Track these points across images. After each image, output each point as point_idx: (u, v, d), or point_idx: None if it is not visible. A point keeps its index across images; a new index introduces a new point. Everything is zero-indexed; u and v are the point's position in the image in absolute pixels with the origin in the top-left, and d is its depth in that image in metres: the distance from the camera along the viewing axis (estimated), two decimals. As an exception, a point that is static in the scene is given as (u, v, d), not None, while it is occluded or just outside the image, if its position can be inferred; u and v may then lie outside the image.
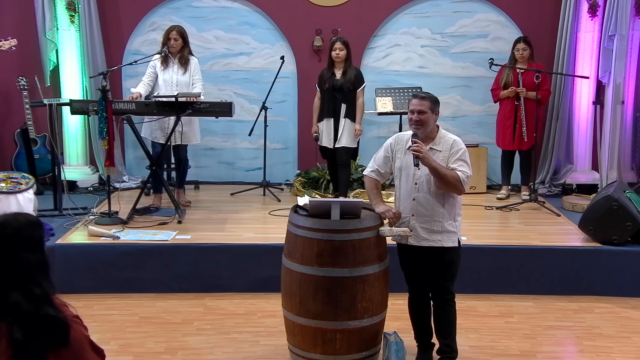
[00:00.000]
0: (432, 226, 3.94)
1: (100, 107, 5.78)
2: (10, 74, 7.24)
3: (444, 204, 3.94)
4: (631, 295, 5.41)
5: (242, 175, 7.79)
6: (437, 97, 4.08)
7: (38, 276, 2.20)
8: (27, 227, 2.24)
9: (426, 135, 4.00)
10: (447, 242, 3.96)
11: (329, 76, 6.62)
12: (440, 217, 3.94)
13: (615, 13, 6.91)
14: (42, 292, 2.17)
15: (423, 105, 3.96)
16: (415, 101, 3.98)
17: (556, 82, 7.38)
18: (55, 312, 2.16)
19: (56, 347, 2.16)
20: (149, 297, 5.31)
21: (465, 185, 3.92)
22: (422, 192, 3.95)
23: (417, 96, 4.02)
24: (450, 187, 3.89)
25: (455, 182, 3.86)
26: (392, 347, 4.04)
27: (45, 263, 2.27)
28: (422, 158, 3.84)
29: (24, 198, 5.95)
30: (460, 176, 3.87)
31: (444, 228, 3.95)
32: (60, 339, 2.16)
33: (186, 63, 6.48)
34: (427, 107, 3.96)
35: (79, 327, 2.26)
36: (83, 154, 7.54)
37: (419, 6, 7.62)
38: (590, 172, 7.46)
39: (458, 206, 4.03)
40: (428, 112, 3.96)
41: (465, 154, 3.96)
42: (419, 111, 3.95)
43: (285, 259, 4.12)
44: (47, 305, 2.16)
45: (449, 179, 3.85)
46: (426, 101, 3.97)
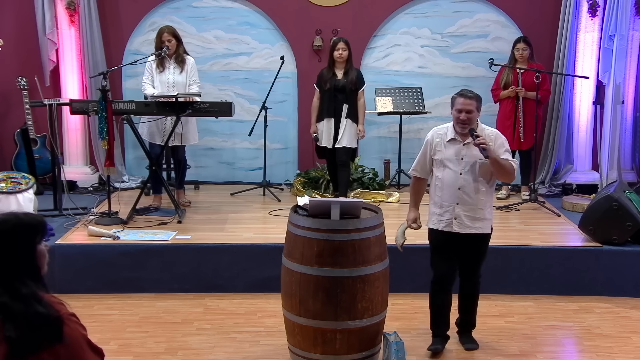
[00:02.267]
0: (475, 214, 4.18)
1: (100, 107, 5.78)
2: (10, 74, 7.24)
3: (486, 193, 4.21)
4: (631, 295, 5.40)
5: (242, 175, 7.79)
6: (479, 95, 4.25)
7: (24, 276, 2.20)
8: (22, 227, 2.24)
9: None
10: (486, 229, 4.25)
11: (330, 76, 6.61)
12: (482, 206, 4.19)
13: (615, 13, 6.91)
14: (29, 292, 2.16)
15: (471, 105, 4.13)
16: (463, 100, 4.14)
17: (556, 82, 7.38)
18: (46, 310, 2.15)
19: (50, 344, 2.16)
20: (149, 297, 5.31)
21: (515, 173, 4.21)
22: (467, 182, 4.16)
23: (465, 95, 4.16)
24: (506, 175, 4.17)
25: (512, 170, 4.14)
26: (392, 347, 4.04)
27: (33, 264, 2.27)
28: (488, 150, 4.03)
29: (24, 198, 5.95)
30: (514, 165, 4.16)
31: (485, 216, 4.21)
32: (54, 335, 2.16)
33: (182, 62, 6.48)
34: (474, 107, 4.14)
35: (75, 326, 2.25)
36: (83, 154, 7.54)
37: (419, 6, 7.62)
38: (590, 172, 7.46)
39: (493, 195, 4.34)
40: (475, 111, 4.15)
41: (507, 144, 4.24)
42: (467, 111, 4.13)
43: (285, 259, 4.12)
44: (36, 303, 2.15)
45: (508, 169, 4.11)
46: (473, 100, 4.15)
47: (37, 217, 2.37)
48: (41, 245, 2.34)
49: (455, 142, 4.21)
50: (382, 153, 7.77)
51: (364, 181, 7.29)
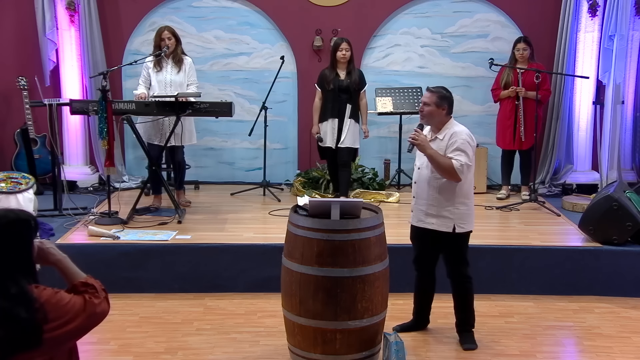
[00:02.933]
0: (428, 209, 4.30)
1: (100, 107, 5.78)
2: (10, 74, 7.24)
3: (439, 191, 4.25)
4: (631, 295, 5.40)
5: (242, 175, 7.79)
6: (449, 94, 4.33)
7: (17, 274, 2.19)
8: (16, 224, 2.23)
9: (435, 125, 4.31)
10: (441, 227, 4.29)
11: (333, 76, 6.61)
12: (435, 202, 4.27)
13: (615, 13, 6.91)
14: (17, 291, 2.15)
15: (429, 98, 4.29)
16: (425, 93, 4.36)
17: (556, 82, 7.38)
18: (27, 314, 2.14)
19: (27, 349, 2.15)
20: (149, 297, 5.31)
21: (462, 175, 4.18)
22: (421, 177, 4.33)
23: (429, 89, 4.36)
24: (445, 174, 4.19)
25: (449, 169, 4.15)
26: (392, 347, 4.04)
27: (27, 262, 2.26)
28: (417, 145, 4.21)
29: (24, 198, 5.94)
30: (455, 164, 4.14)
31: (440, 213, 4.27)
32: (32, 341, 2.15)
33: (180, 62, 6.48)
34: (432, 101, 4.26)
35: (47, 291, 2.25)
36: (83, 154, 7.54)
37: (419, 6, 7.62)
38: (590, 172, 7.46)
39: (461, 195, 4.26)
40: (432, 105, 4.26)
41: (465, 144, 4.20)
42: (424, 103, 4.31)
43: (285, 259, 4.12)
44: (20, 305, 2.14)
45: (443, 167, 4.16)
46: (433, 96, 4.28)
47: (27, 213, 2.36)
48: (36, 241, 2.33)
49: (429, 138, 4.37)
50: (382, 153, 7.77)
51: (364, 181, 7.29)
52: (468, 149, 4.20)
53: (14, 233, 2.22)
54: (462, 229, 4.32)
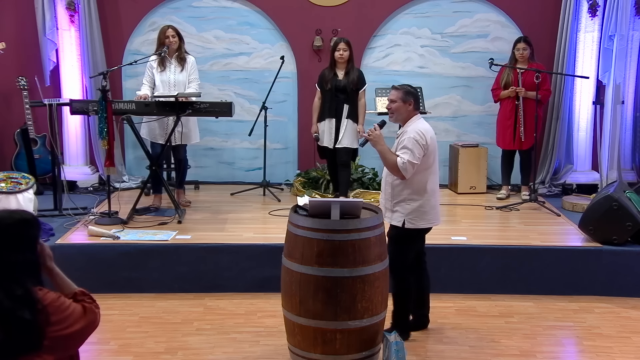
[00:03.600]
0: (386, 204, 4.48)
1: (100, 107, 5.78)
2: (10, 74, 7.24)
3: (392, 186, 4.40)
4: (631, 295, 5.41)
5: (242, 175, 7.79)
6: (414, 90, 4.45)
7: (23, 276, 2.19)
8: (20, 225, 2.23)
9: (403, 121, 4.44)
10: (393, 221, 4.44)
11: (331, 76, 6.61)
12: (390, 197, 4.43)
13: (615, 13, 6.91)
14: (23, 293, 2.16)
15: (394, 95, 4.42)
16: (391, 91, 4.48)
17: (556, 82, 7.38)
18: (31, 316, 2.14)
19: (28, 352, 2.15)
20: (149, 297, 5.31)
21: (406, 172, 4.26)
22: (384, 173, 4.51)
23: (394, 87, 4.49)
24: (392, 170, 4.33)
25: (393, 165, 4.28)
26: (392, 347, 4.04)
27: (34, 262, 2.26)
28: (370, 140, 4.37)
29: (24, 198, 5.95)
30: (398, 161, 4.26)
31: (392, 207, 4.43)
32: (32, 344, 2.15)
33: (183, 61, 6.49)
34: (398, 97, 4.39)
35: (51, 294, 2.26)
36: (83, 154, 7.53)
37: (419, 6, 7.62)
38: (590, 172, 7.46)
39: (413, 192, 4.35)
40: (399, 101, 4.39)
41: (411, 142, 4.26)
42: (391, 100, 4.43)
43: (285, 259, 4.12)
44: (24, 307, 2.14)
45: (389, 163, 4.31)
46: (399, 92, 4.40)
47: (31, 214, 2.37)
48: (41, 242, 2.34)
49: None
50: (382, 153, 7.76)
51: (364, 181, 7.28)
52: (415, 147, 4.24)
53: (19, 234, 2.22)
54: (412, 225, 4.35)
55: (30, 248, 2.26)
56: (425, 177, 4.34)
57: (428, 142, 4.29)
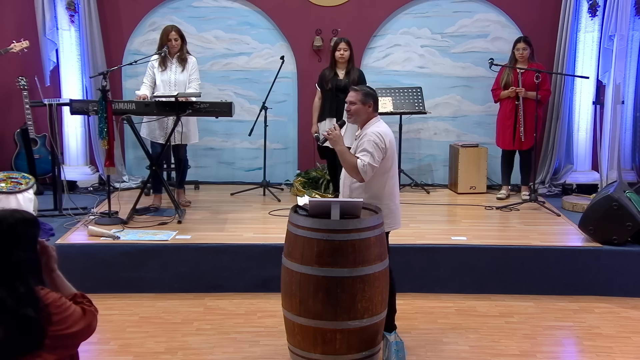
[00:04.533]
0: None
1: (100, 107, 5.78)
2: (10, 74, 7.24)
3: (351, 189, 4.32)
4: (631, 295, 5.40)
5: (242, 175, 7.79)
6: (373, 91, 4.41)
7: (26, 274, 2.20)
8: (22, 224, 2.24)
9: (362, 122, 4.37)
10: None
11: (332, 76, 6.61)
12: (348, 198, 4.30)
13: (615, 13, 6.91)
14: (26, 291, 2.17)
15: (353, 96, 4.35)
16: (350, 92, 4.40)
17: (556, 82, 7.38)
18: (35, 314, 2.15)
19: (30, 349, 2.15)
20: (149, 297, 5.31)
21: (365, 175, 4.17)
22: (343, 174, 4.40)
23: (353, 88, 4.43)
24: (351, 172, 4.23)
25: (353, 167, 4.18)
26: (392, 347, 4.05)
27: (35, 261, 2.27)
28: (329, 139, 4.31)
29: (24, 198, 5.95)
30: (358, 163, 4.16)
31: None
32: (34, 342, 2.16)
33: (184, 62, 6.49)
34: (357, 99, 4.32)
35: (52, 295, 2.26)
36: (83, 154, 7.54)
37: (419, 6, 7.62)
38: (590, 172, 7.46)
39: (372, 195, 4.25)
40: (358, 103, 4.32)
41: (371, 145, 4.18)
42: (350, 102, 4.36)
43: (285, 259, 4.12)
44: (28, 305, 2.15)
45: (348, 164, 4.21)
46: (358, 94, 4.33)
47: (31, 213, 2.37)
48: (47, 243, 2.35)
49: None
50: (382, 153, 7.75)
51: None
52: (375, 150, 4.16)
53: (20, 233, 2.23)
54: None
55: (31, 247, 2.27)
56: (383, 181, 4.28)
57: (387, 145, 4.22)
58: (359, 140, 4.27)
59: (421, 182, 7.67)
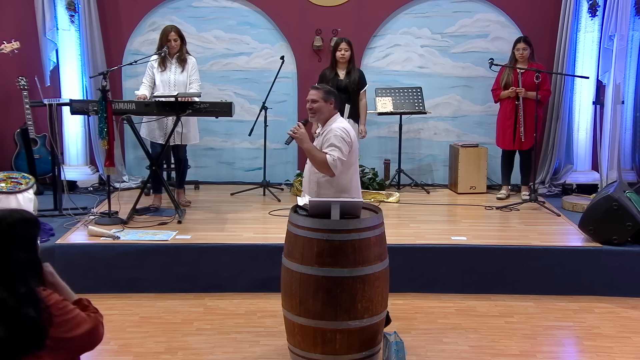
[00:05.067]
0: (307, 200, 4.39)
1: (100, 107, 5.78)
2: (10, 74, 7.24)
3: (318, 185, 4.36)
4: (631, 295, 5.40)
5: (242, 175, 7.79)
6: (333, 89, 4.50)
7: (26, 274, 2.19)
8: (21, 224, 2.24)
9: (323, 120, 4.42)
10: None
11: (332, 76, 6.62)
12: (315, 196, 4.34)
13: (615, 13, 6.91)
14: (26, 291, 2.16)
15: (315, 95, 4.39)
16: (310, 91, 4.45)
17: (556, 82, 7.38)
18: (36, 314, 2.15)
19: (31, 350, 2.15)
20: (149, 297, 5.31)
21: (335, 169, 4.25)
22: (308, 169, 4.45)
23: (313, 87, 4.48)
24: (320, 168, 4.29)
25: (322, 163, 4.25)
26: (392, 347, 4.05)
27: (35, 261, 2.27)
28: (295, 138, 4.33)
29: (24, 198, 5.95)
30: (328, 159, 4.24)
31: None
32: (36, 342, 2.16)
33: (184, 62, 6.49)
34: (319, 97, 4.37)
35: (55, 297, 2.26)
36: (83, 154, 7.54)
37: (419, 6, 7.62)
38: (590, 172, 7.46)
39: (339, 190, 4.33)
40: (320, 101, 4.37)
41: (338, 140, 4.26)
42: (312, 100, 4.38)
43: (285, 259, 4.12)
44: (29, 305, 2.15)
45: (318, 161, 4.27)
46: (320, 92, 4.39)
47: (31, 213, 2.37)
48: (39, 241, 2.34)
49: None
50: (382, 153, 7.77)
51: (364, 181, 7.28)
52: (342, 144, 4.26)
53: (20, 233, 2.23)
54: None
55: (31, 247, 2.27)
56: (349, 175, 4.38)
57: (352, 139, 4.33)
58: (324, 137, 4.34)
59: (421, 182, 7.67)
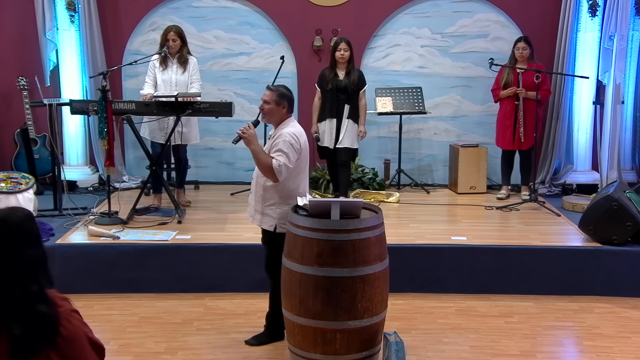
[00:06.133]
0: (256, 206, 4.38)
1: (100, 107, 5.79)
2: (10, 74, 7.24)
3: (264, 189, 4.30)
4: (631, 295, 5.41)
5: (242, 175, 7.78)
6: (290, 93, 4.42)
7: (36, 271, 2.19)
8: (26, 221, 2.23)
9: (276, 123, 4.38)
10: (264, 224, 4.37)
11: (332, 76, 6.61)
12: (261, 200, 4.32)
13: (615, 13, 6.91)
14: (38, 289, 2.16)
15: (268, 96, 4.35)
16: (265, 91, 4.40)
17: (556, 82, 7.38)
18: (48, 310, 2.15)
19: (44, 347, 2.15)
20: (149, 297, 5.31)
21: (280, 175, 4.19)
22: (256, 173, 4.37)
23: (268, 87, 4.44)
24: (265, 172, 4.23)
25: (267, 167, 4.19)
26: (392, 347, 4.05)
27: (43, 256, 2.26)
28: (244, 139, 4.27)
29: (24, 198, 5.95)
30: (274, 163, 4.18)
31: (263, 210, 4.33)
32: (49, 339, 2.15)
33: (185, 63, 6.50)
34: (271, 99, 4.33)
35: (78, 323, 2.25)
36: (83, 154, 7.54)
37: (419, 6, 7.62)
38: (590, 172, 7.46)
39: (285, 195, 4.28)
40: (272, 103, 4.33)
41: (287, 145, 4.20)
42: (264, 101, 4.36)
43: (285, 259, 4.12)
44: (41, 302, 2.15)
45: (263, 164, 4.21)
46: (273, 94, 4.34)
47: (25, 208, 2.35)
48: None
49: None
50: (382, 153, 7.77)
51: (364, 181, 7.29)
52: (290, 150, 4.18)
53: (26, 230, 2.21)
54: (284, 230, 4.24)
55: (38, 242, 2.25)
56: (297, 182, 4.30)
57: (302, 145, 4.26)
58: (273, 140, 4.28)
59: (421, 182, 7.67)
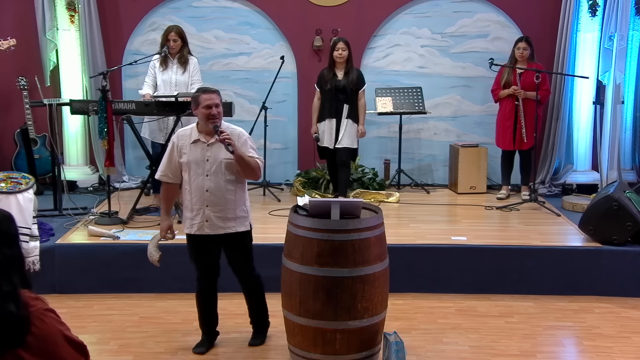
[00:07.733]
0: (226, 214, 4.21)
1: (100, 107, 5.79)
2: (10, 74, 7.24)
3: (235, 192, 4.23)
4: (631, 295, 5.41)
5: (242, 175, 7.77)
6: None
7: (10, 271, 2.18)
8: (3, 221, 2.22)
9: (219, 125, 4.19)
10: (240, 227, 4.28)
11: (331, 76, 6.61)
12: (232, 205, 4.22)
13: (615, 13, 6.91)
14: (10, 289, 2.14)
15: (218, 99, 4.16)
16: (209, 96, 4.14)
17: (556, 82, 7.38)
18: (17, 309, 2.13)
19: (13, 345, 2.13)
20: (149, 297, 5.31)
21: (260, 172, 4.28)
22: (213, 183, 4.17)
23: (209, 91, 4.19)
24: (251, 173, 4.21)
25: (257, 167, 4.21)
26: (392, 347, 4.05)
27: (19, 257, 2.25)
28: (233, 146, 4.06)
29: (24, 198, 5.92)
30: (260, 163, 4.24)
31: (236, 214, 4.25)
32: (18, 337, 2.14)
33: (185, 63, 6.50)
34: (220, 101, 4.18)
35: (51, 321, 2.23)
36: (83, 154, 7.54)
37: (419, 6, 7.62)
38: (590, 172, 7.46)
39: (244, 192, 4.33)
40: (220, 104, 4.18)
41: (250, 140, 4.29)
42: (216, 105, 4.13)
43: (285, 259, 4.12)
44: (11, 301, 2.13)
45: (253, 166, 4.18)
46: (218, 95, 4.18)
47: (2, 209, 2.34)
48: None
49: (199, 143, 4.19)
50: (382, 153, 7.77)
51: (364, 181, 7.29)
52: (254, 144, 4.32)
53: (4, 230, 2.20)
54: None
55: (15, 243, 2.23)
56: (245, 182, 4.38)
57: None
58: (239, 140, 4.20)
59: (421, 182, 7.67)
